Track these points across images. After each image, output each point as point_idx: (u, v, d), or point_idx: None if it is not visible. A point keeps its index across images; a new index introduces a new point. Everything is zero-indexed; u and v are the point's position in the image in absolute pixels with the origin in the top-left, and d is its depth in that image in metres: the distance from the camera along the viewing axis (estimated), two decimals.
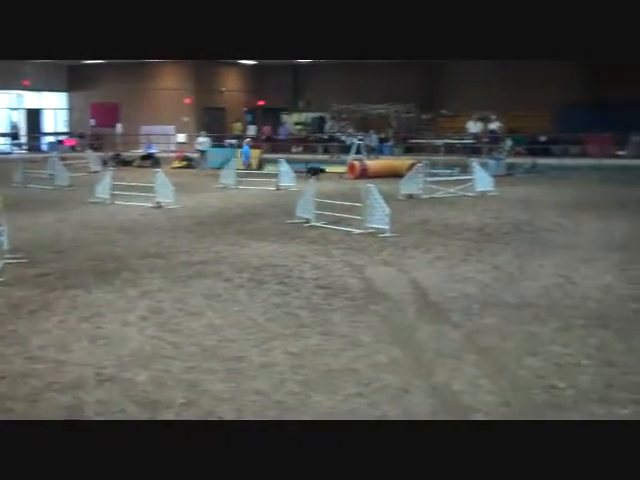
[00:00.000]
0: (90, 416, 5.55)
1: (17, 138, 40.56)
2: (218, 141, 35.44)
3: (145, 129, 38.31)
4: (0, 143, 40.42)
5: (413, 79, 35.87)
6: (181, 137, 38.79)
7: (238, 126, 39.13)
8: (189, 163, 32.08)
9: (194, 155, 32.76)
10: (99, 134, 40.32)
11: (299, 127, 39.32)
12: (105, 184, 19.36)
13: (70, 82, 41.91)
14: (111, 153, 33.28)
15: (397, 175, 23.00)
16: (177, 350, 7.08)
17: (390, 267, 10.91)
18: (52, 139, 41.15)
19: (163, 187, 18.20)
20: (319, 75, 38.08)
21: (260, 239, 13.43)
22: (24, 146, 40.47)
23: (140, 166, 31.38)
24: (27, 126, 41.05)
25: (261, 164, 29.85)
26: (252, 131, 39.43)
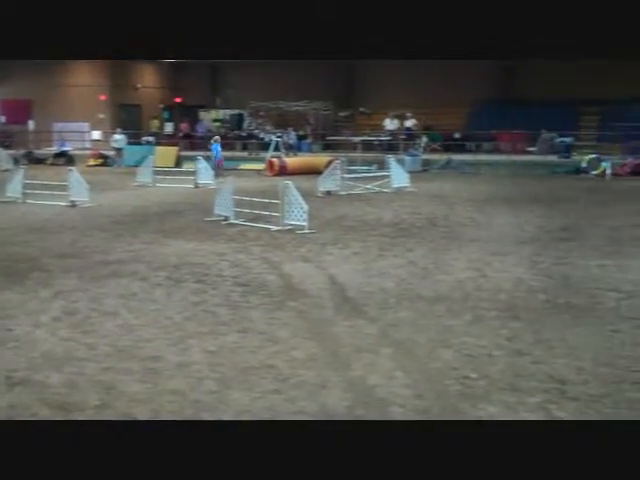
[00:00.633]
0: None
1: None
2: (134, 138, 34.87)
3: (58, 126, 37.33)
4: None
5: (331, 77, 36.06)
6: (96, 134, 37.95)
7: (155, 123, 38.57)
8: (105, 161, 31.49)
9: (110, 153, 32.15)
10: (10, 131, 39.09)
11: (217, 124, 38.99)
12: (16, 183, 18.83)
13: None
14: (23, 151, 32.40)
15: (315, 172, 23.13)
16: (91, 351, 6.95)
17: (308, 263, 10.97)
18: None
19: (77, 185, 17.82)
20: (237, 72, 37.85)
21: (178, 237, 13.30)
22: None
23: (53, 164, 30.66)
24: None
25: (179, 162, 29.54)
26: (169, 128, 38.96)
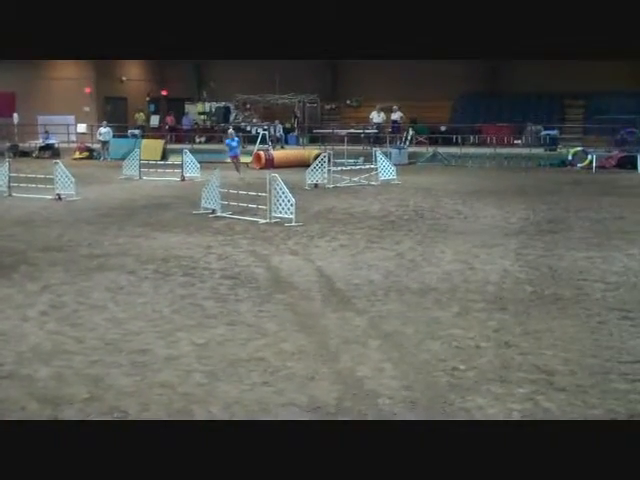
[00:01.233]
0: None
1: None
2: (120, 131, 34.69)
3: (43, 119, 37.07)
4: None
5: (316, 69, 35.99)
6: (82, 127, 37.71)
7: (141, 116, 38.35)
8: (90, 154, 31.33)
9: (96, 146, 31.98)
10: None
11: (203, 117, 38.84)
12: (1, 176, 18.70)
13: None
14: (8, 144, 32.13)
15: (303, 165, 23.13)
16: (79, 345, 6.92)
17: (296, 256, 10.97)
18: None
19: (63, 179, 17.72)
20: (223, 65, 37.69)
21: (165, 230, 13.26)
22: None
23: (39, 157, 30.50)
24: None
25: (165, 155, 29.43)
26: (155, 121, 38.78)
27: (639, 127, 28.41)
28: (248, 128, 35.38)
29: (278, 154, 27.43)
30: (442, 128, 33.51)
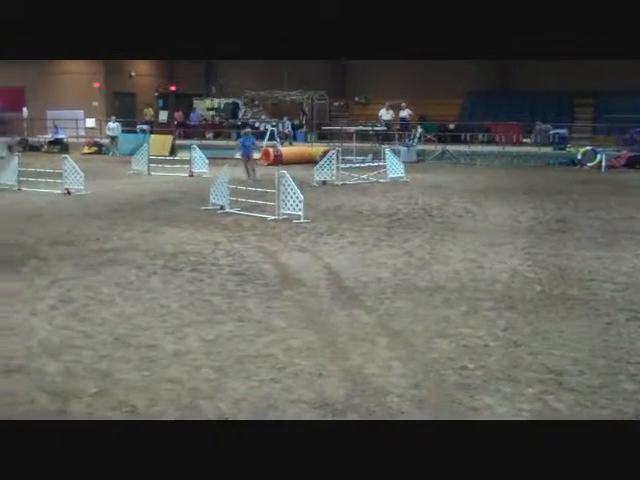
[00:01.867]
0: None
1: None
2: (129, 127, 34.74)
3: (52, 114, 37.14)
4: None
5: (325, 66, 35.96)
6: (90, 122, 37.79)
7: (149, 111, 38.41)
8: (99, 149, 31.38)
9: (104, 141, 32.04)
10: (3, 119, 38.88)
11: (212, 113, 38.86)
12: (11, 170, 18.76)
13: None
14: (17, 138, 32.21)
15: (311, 161, 23.12)
16: (88, 339, 6.94)
17: (304, 253, 10.97)
18: None
19: (72, 173, 17.75)
20: (232, 61, 37.69)
21: (174, 226, 13.28)
22: None
23: (48, 152, 30.56)
24: None
25: (173, 150, 29.46)
26: (164, 117, 38.81)
27: None
28: (256, 124, 35.39)
29: (286, 151, 27.41)
30: (451, 126, 33.46)
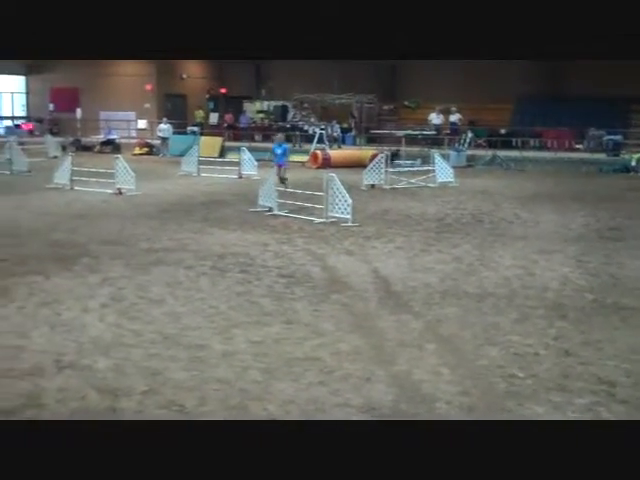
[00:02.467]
0: (49, 403, 5.50)
1: None
2: (180, 128, 35.13)
3: (105, 115, 37.77)
4: None
5: (375, 70, 35.87)
6: (142, 123, 38.33)
7: (200, 113, 38.78)
8: (150, 150, 31.78)
9: (155, 142, 32.44)
10: (58, 119, 39.67)
11: (261, 115, 39.06)
12: (64, 170, 19.10)
13: (29, 66, 41.10)
14: (71, 138, 32.80)
15: (359, 165, 23.08)
16: (138, 338, 7.03)
17: (352, 256, 10.95)
18: (9, 123, 40.36)
19: (124, 174, 18.00)
20: (281, 63, 37.83)
21: (222, 227, 13.38)
22: None
23: (100, 152, 31.04)
24: None
25: (223, 152, 29.70)
26: (214, 119, 39.14)
27: None
28: (305, 127, 35.49)
29: (335, 154, 27.42)
30: (501, 131, 33.06)
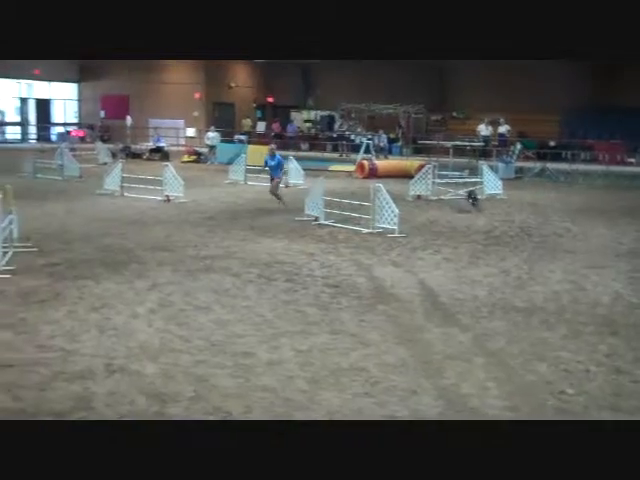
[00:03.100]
0: (98, 407, 5.56)
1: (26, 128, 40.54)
2: (227, 136, 35.44)
3: (154, 122, 38.34)
4: (10, 132, 40.41)
5: (423, 80, 35.80)
6: (190, 131, 38.80)
7: (248, 122, 39.11)
8: (198, 158, 32.08)
9: (203, 150, 32.76)
10: (108, 126, 40.37)
11: (308, 125, 39.27)
12: (114, 176, 19.37)
13: (81, 73, 41.95)
14: (120, 145, 33.29)
15: (406, 176, 22.99)
16: (186, 344, 7.08)
17: (398, 267, 10.89)
18: (61, 129, 41.19)
19: (172, 181, 18.20)
20: (329, 73, 37.97)
21: (269, 236, 13.43)
22: (33, 136, 40.48)
23: (149, 159, 31.41)
24: (36, 116, 41.03)
25: None
26: (261, 127, 39.43)
27: None
28: (352, 137, 35.54)
29: (381, 164, 27.37)
30: (551, 143, 32.65)
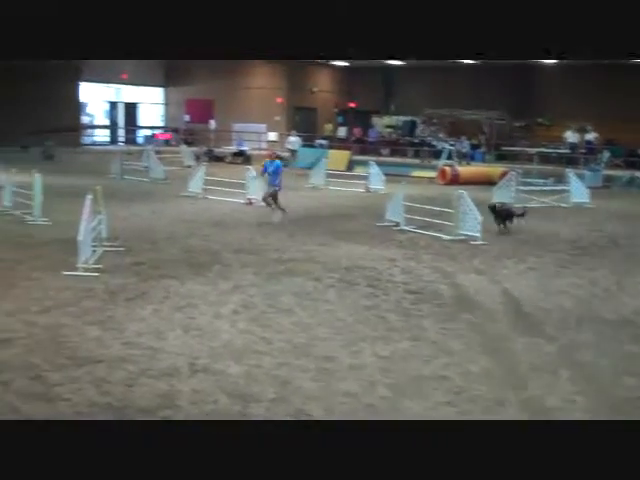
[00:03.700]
0: (183, 405, 5.66)
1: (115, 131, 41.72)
2: (308, 141, 35.65)
3: (237, 126, 38.88)
4: (100, 135, 41.68)
5: (507, 86, 35.24)
6: (272, 135, 39.20)
7: (329, 127, 39.27)
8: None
9: (284, 154, 33.06)
10: (193, 129, 41.17)
11: (389, 130, 39.12)
12: (198, 179, 19.73)
13: (167, 78, 42.92)
14: (204, 148, 33.89)
15: (488, 182, 22.65)
16: (268, 345, 7.14)
17: (482, 275, 10.72)
18: (148, 132, 42.23)
19: (254, 184, 18.41)
20: (410, 78, 37.80)
21: (350, 240, 13.43)
22: (121, 138, 41.65)
23: (231, 162, 31.88)
24: (124, 119, 42.19)
25: (350, 166, 29.88)
26: (342, 132, 39.51)
27: None
28: (434, 143, 35.26)
29: (463, 170, 27.06)
30: None
